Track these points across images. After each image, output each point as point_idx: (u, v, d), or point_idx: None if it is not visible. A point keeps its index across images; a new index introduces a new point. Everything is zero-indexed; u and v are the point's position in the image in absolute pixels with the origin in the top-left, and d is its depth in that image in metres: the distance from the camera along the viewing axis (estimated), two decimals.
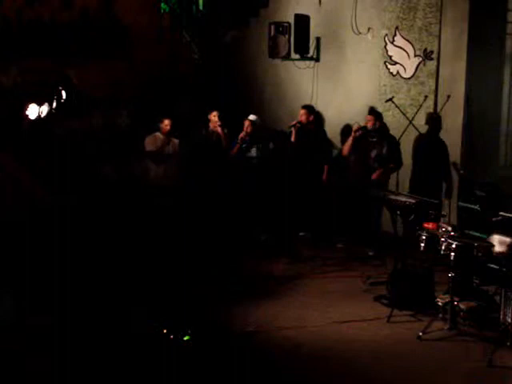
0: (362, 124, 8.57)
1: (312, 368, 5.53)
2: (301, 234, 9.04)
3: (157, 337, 5.72)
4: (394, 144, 8.42)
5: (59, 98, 7.49)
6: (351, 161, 8.68)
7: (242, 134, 8.98)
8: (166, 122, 8.74)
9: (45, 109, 7.34)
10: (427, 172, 8.55)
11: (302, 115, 9.01)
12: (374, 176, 8.32)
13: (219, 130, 8.97)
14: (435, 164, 8.48)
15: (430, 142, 8.57)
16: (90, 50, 9.18)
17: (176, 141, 8.86)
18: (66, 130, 7.98)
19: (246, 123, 9.00)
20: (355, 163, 8.61)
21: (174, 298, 6.31)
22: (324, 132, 9.34)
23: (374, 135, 8.45)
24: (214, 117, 9.03)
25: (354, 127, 8.58)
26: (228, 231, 8.54)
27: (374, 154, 8.42)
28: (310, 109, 9.16)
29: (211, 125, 9.07)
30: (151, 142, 8.78)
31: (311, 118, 9.07)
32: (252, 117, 9.06)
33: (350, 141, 8.57)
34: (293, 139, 8.93)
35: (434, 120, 8.53)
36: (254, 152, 9.06)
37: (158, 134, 8.82)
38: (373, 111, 8.59)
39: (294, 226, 8.88)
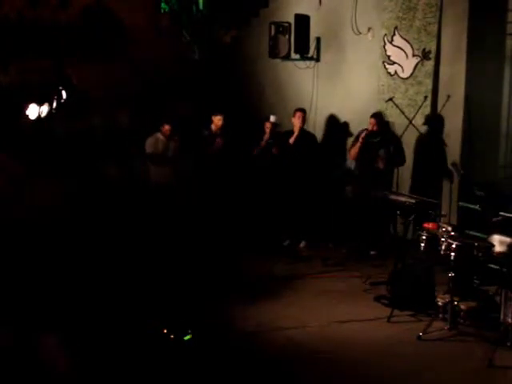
0: (367, 128, 8.41)
1: (312, 368, 5.53)
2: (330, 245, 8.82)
3: (157, 336, 5.73)
4: (399, 143, 8.43)
5: (59, 98, 7.49)
6: (359, 164, 8.61)
7: (266, 137, 8.89)
8: (167, 127, 8.78)
9: (45, 109, 7.34)
10: (427, 172, 8.56)
11: (298, 118, 8.82)
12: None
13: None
14: (435, 164, 8.49)
15: (430, 143, 8.57)
16: (89, 49, 9.18)
17: (176, 143, 8.85)
18: (66, 130, 7.99)
19: (269, 125, 8.89)
20: (363, 166, 8.53)
21: (175, 297, 6.31)
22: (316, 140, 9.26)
23: (376, 136, 8.41)
24: (218, 120, 8.98)
25: (363, 134, 8.37)
26: (228, 231, 8.54)
27: (381, 153, 8.34)
28: (305, 111, 9.06)
29: (214, 127, 9.02)
30: (152, 143, 8.78)
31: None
32: (273, 118, 8.95)
33: (357, 146, 8.42)
34: (291, 141, 8.78)
35: (435, 121, 8.52)
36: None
37: (159, 135, 8.81)
38: (375, 115, 8.50)
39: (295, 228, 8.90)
